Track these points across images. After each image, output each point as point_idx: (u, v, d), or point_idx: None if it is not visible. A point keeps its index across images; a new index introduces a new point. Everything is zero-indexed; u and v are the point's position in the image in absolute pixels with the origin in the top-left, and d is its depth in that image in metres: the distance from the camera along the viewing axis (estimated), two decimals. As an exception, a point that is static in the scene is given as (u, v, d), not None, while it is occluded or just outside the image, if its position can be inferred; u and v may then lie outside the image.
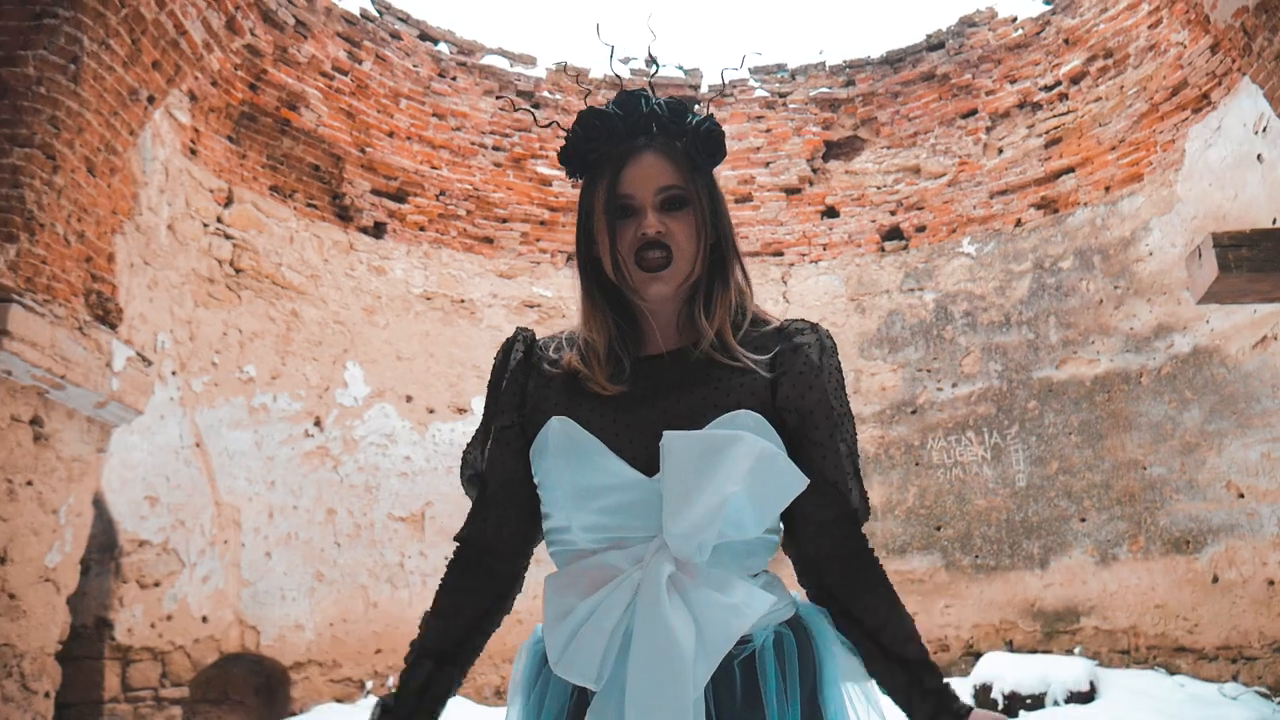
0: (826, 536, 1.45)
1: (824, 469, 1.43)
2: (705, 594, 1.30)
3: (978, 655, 7.64)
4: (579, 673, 1.30)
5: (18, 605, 4.59)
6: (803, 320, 1.53)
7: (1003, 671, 6.84)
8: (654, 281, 1.45)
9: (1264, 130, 6.62)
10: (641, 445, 1.38)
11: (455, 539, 1.56)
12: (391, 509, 8.16)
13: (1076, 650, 7.46)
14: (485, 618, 1.53)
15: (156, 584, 6.61)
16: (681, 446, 1.31)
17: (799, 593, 1.51)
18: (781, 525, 1.47)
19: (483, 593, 1.53)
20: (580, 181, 1.57)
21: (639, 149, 1.49)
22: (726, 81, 10.05)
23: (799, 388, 1.44)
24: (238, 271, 7.56)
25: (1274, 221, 6.47)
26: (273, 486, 7.51)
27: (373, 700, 7.44)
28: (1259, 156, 6.73)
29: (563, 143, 1.56)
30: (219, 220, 7.47)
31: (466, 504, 6.58)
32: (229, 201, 7.58)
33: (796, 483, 1.35)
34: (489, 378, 1.58)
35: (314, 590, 7.61)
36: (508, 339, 1.59)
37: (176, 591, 6.74)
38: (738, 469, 1.29)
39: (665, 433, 1.33)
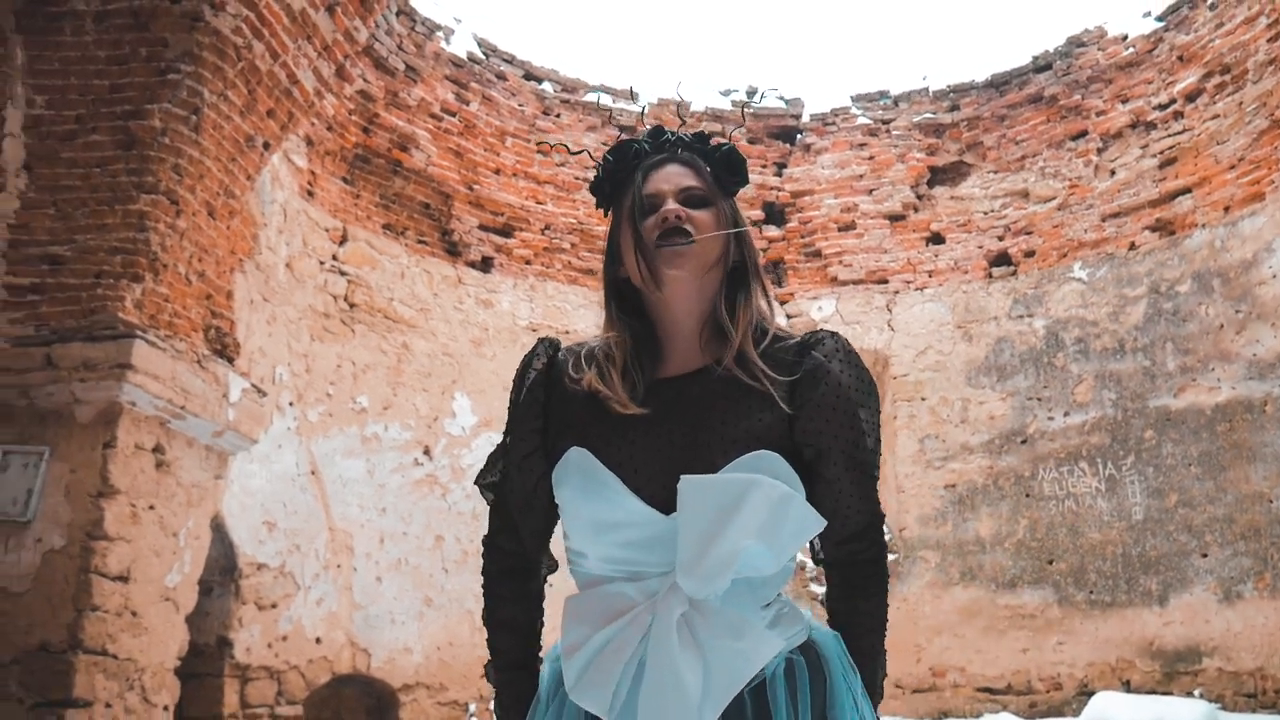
0: (845, 546, 1.51)
1: (840, 496, 1.47)
2: (715, 638, 1.33)
3: (1091, 695, 7.36)
4: (593, 702, 1.36)
5: (139, 622, 4.90)
6: (822, 332, 1.54)
7: (1115, 713, 6.58)
8: (674, 259, 1.47)
9: (1393, 145, 6.29)
10: (659, 482, 1.39)
11: (483, 541, 1.63)
12: (497, 536, 8.34)
13: (1197, 693, 7.12)
14: (538, 613, 1.63)
15: (273, 605, 6.92)
16: (698, 492, 1.33)
17: (809, 611, 1.54)
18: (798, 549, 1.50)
19: (530, 597, 1.61)
20: (609, 215, 1.64)
21: (664, 161, 1.57)
22: (828, 110, 10.06)
23: (817, 422, 1.45)
24: (351, 306, 7.91)
25: (1407, 241, 6.13)
26: (384, 513, 7.78)
27: (476, 723, 7.62)
28: (1389, 173, 6.39)
29: (596, 170, 1.65)
30: (334, 258, 7.84)
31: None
32: (344, 240, 7.94)
33: (814, 525, 1.37)
34: (513, 388, 1.62)
35: (422, 614, 7.84)
36: (530, 350, 1.63)
37: (292, 613, 7.04)
38: (754, 519, 1.32)
39: (683, 477, 1.35)
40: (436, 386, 8.38)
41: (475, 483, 1.67)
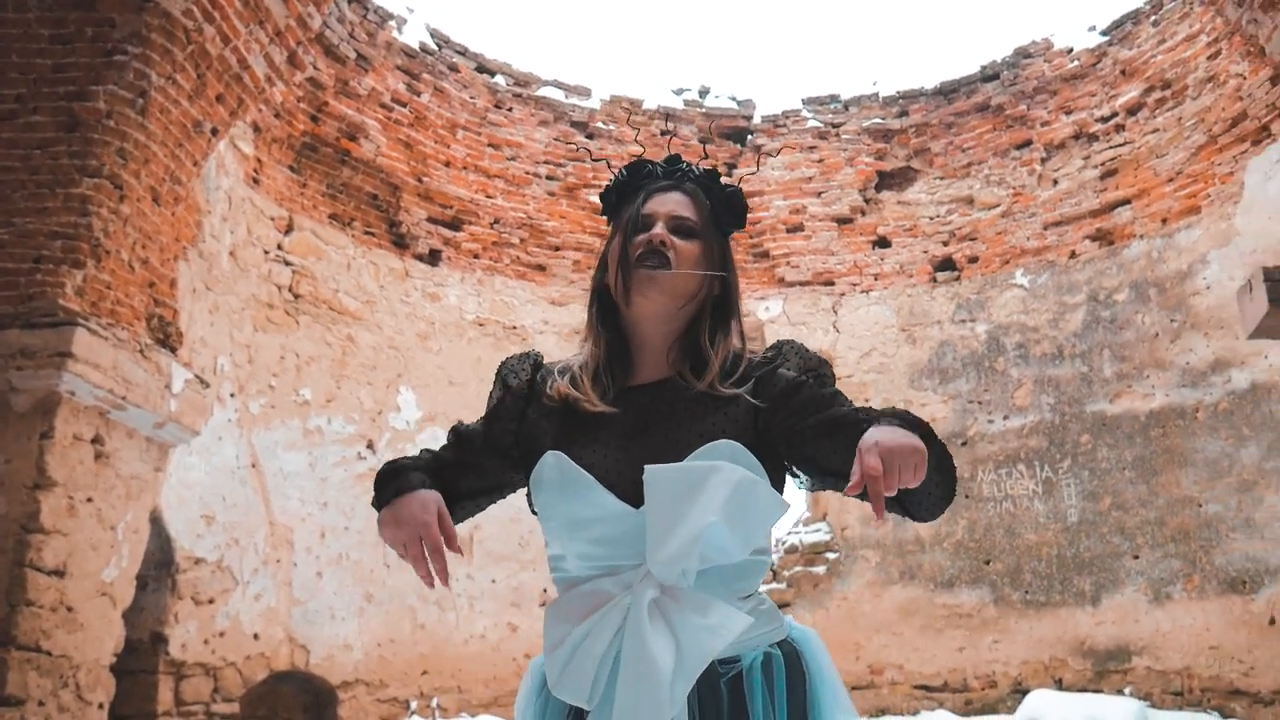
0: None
1: (832, 414, 1.45)
2: (686, 616, 1.36)
3: (1026, 693, 7.51)
4: (573, 694, 1.38)
5: (75, 618, 4.76)
6: (777, 342, 1.63)
7: (1049, 710, 6.73)
8: (646, 282, 1.54)
9: (1324, 163, 6.51)
10: (630, 480, 1.44)
11: (451, 431, 1.67)
12: (441, 532, 8.26)
13: (1127, 690, 7.31)
14: (445, 474, 1.62)
15: (210, 601, 6.79)
16: (661, 479, 1.37)
17: (792, 617, 1.56)
18: (772, 548, 1.52)
19: (479, 472, 1.64)
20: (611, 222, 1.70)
21: (668, 188, 1.64)
22: (779, 112, 10.13)
23: (772, 387, 1.51)
24: (296, 297, 7.78)
25: (1334, 256, 6.34)
26: (325, 507, 7.67)
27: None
28: (1319, 190, 6.61)
29: (609, 180, 1.72)
30: (279, 247, 7.70)
31: (513, 527, 6.69)
32: (289, 229, 7.81)
33: (777, 509, 1.40)
34: (494, 382, 1.68)
35: (363, 610, 7.75)
36: (517, 355, 1.70)
37: (230, 609, 6.91)
38: (715, 499, 1.34)
39: (647, 466, 1.39)
40: (381, 380, 8.29)
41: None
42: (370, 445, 8.08)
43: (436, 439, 8.42)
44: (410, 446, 8.26)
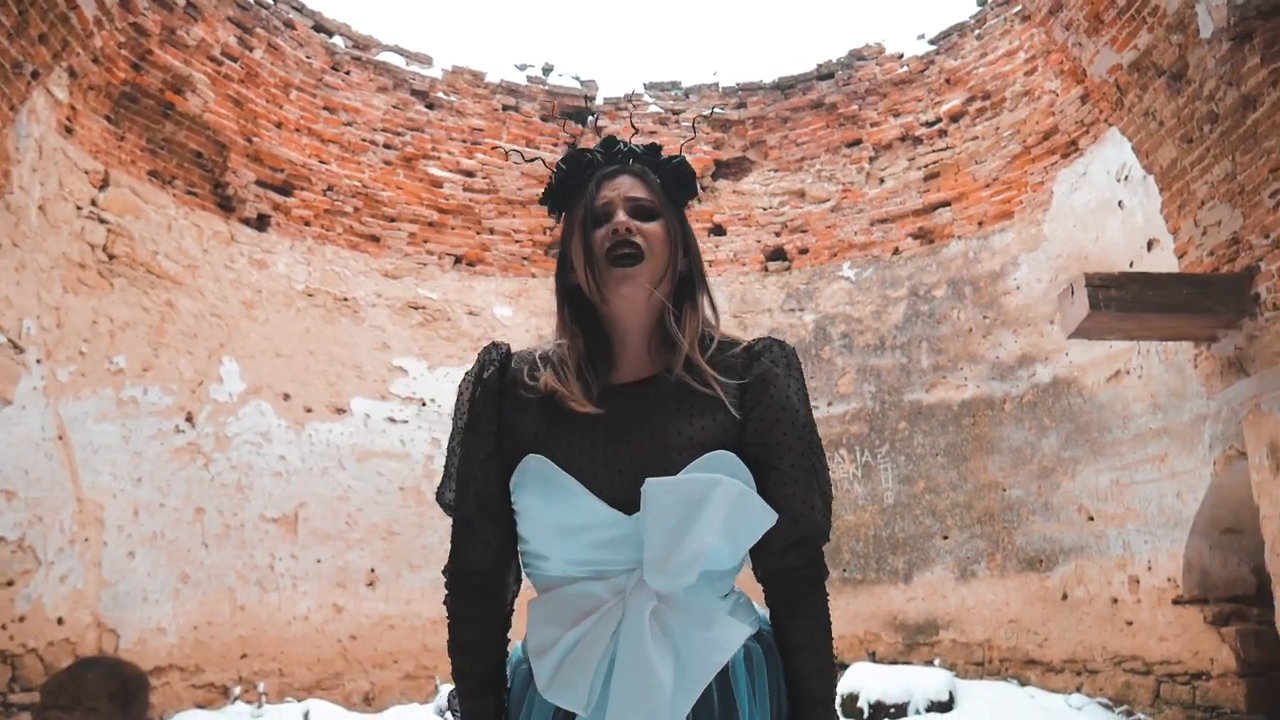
0: (784, 558, 1.50)
1: (786, 497, 1.47)
2: (687, 628, 1.37)
3: (844, 666, 7.91)
4: (568, 699, 1.36)
5: None
6: (768, 340, 1.58)
7: (868, 682, 7.11)
8: (625, 279, 1.50)
9: (1126, 179, 7.10)
10: (620, 485, 1.42)
11: (445, 572, 1.57)
12: (264, 509, 7.93)
13: (936, 661, 7.81)
14: (503, 638, 1.57)
15: (10, 583, 6.27)
16: (663, 493, 1.35)
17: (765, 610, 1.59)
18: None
19: (493, 617, 1.56)
20: (560, 221, 1.65)
21: (616, 172, 1.59)
22: (620, 95, 10.18)
23: (766, 422, 1.49)
24: (111, 258, 7.25)
25: (1130, 264, 6.93)
26: (139, 483, 7.21)
27: (241, 706, 7.23)
28: (1120, 203, 7.20)
29: (549, 178, 1.65)
30: (93, 204, 7.15)
31: (340, 505, 6.52)
32: (105, 184, 7.26)
33: (767, 519, 1.41)
34: (462, 394, 1.59)
35: (178, 592, 7.33)
36: (481, 357, 1.60)
37: (31, 591, 6.40)
38: (716, 518, 1.35)
39: (648, 480, 1.37)
40: (203, 349, 7.84)
41: (436, 498, 1.62)
42: (189, 418, 7.64)
43: (261, 412, 8.07)
44: (232, 420, 7.87)
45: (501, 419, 1.54)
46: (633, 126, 1.98)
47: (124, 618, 6.98)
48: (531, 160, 2.06)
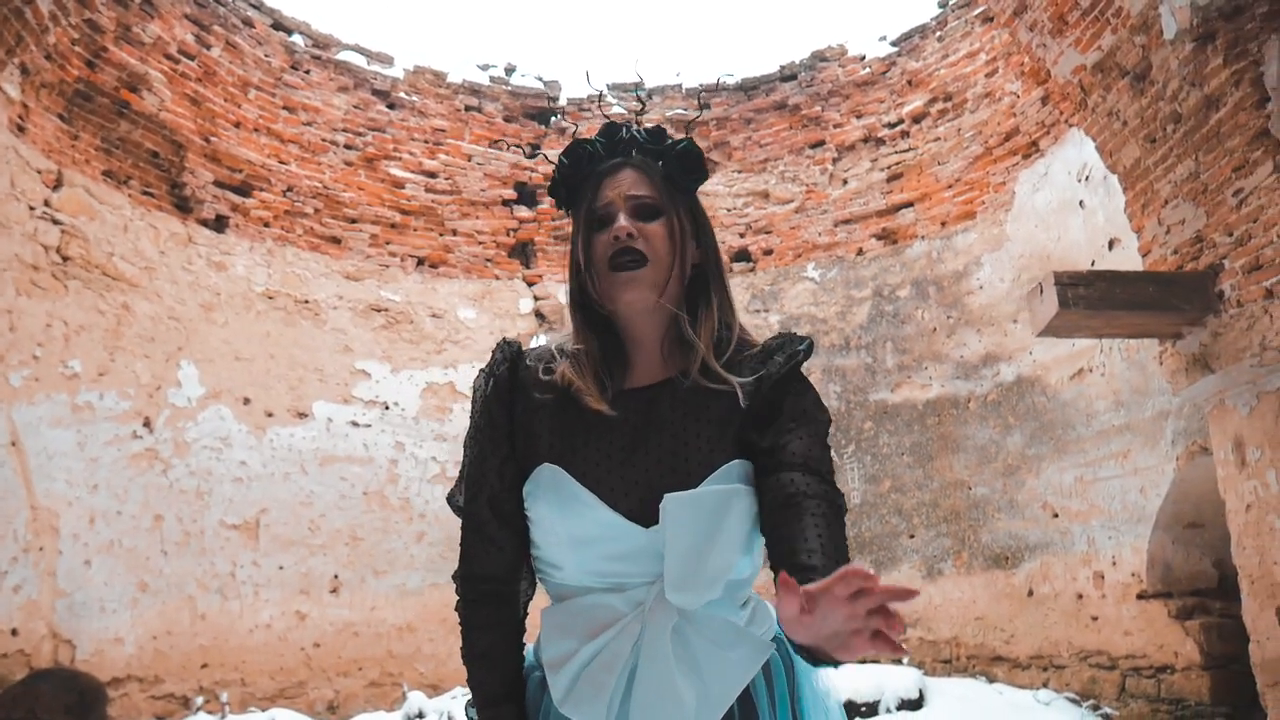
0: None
1: (789, 445, 1.37)
2: (709, 648, 1.34)
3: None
4: (586, 714, 1.33)
5: None
6: (782, 335, 1.53)
7: (839, 680, 7.11)
8: (627, 285, 1.45)
9: (1086, 179, 7.18)
10: (636, 495, 1.38)
11: (454, 577, 1.51)
12: (224, 516, 7.78)
13: (904, 660, 7.84)
14: (519, 644, 1.52)
15: (-38, 594, 6.09)
16: (681, 510, 1.31)
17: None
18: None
19: (509, 623, 1.50)
20: (570, 214, 1.59)
21: (618, 167, 1.53)
22: (584, 95, 10.14)
23: (776, 407, 1.44)
24: (65, 260, 7.07)
25: (1092, 263, 7.02)
26: (96, 490, 7.04)
27: (203, 717, 7.09)
28: (1081, 203, 7.29)
29: (543, 173, 1.59)
30: (46, 204, 6.97)
31: (303, 511, 6.42)
32: (58, 184, 7.08)
33: None
34: (475, 395, 1.54)
35: (137, 601, 7.17)
36: (493, 355, 1.54)
37: (-16, 602, 6.22)
38: (738, 532, 1.32)
39: (667, 496, 1.32)
40: (160, 353, 7.67)
41: (448, 501, 1.57)
42: (147, 423, 7.47)
43: (221, 417, 7.91)
44: (191, 425, 7.71)
45: (514, 422, 1.49)
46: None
47: (80, 628, 6.81)
48: (532, 156, 1.98)
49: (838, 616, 0.99)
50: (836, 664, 1.13)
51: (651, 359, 1.51)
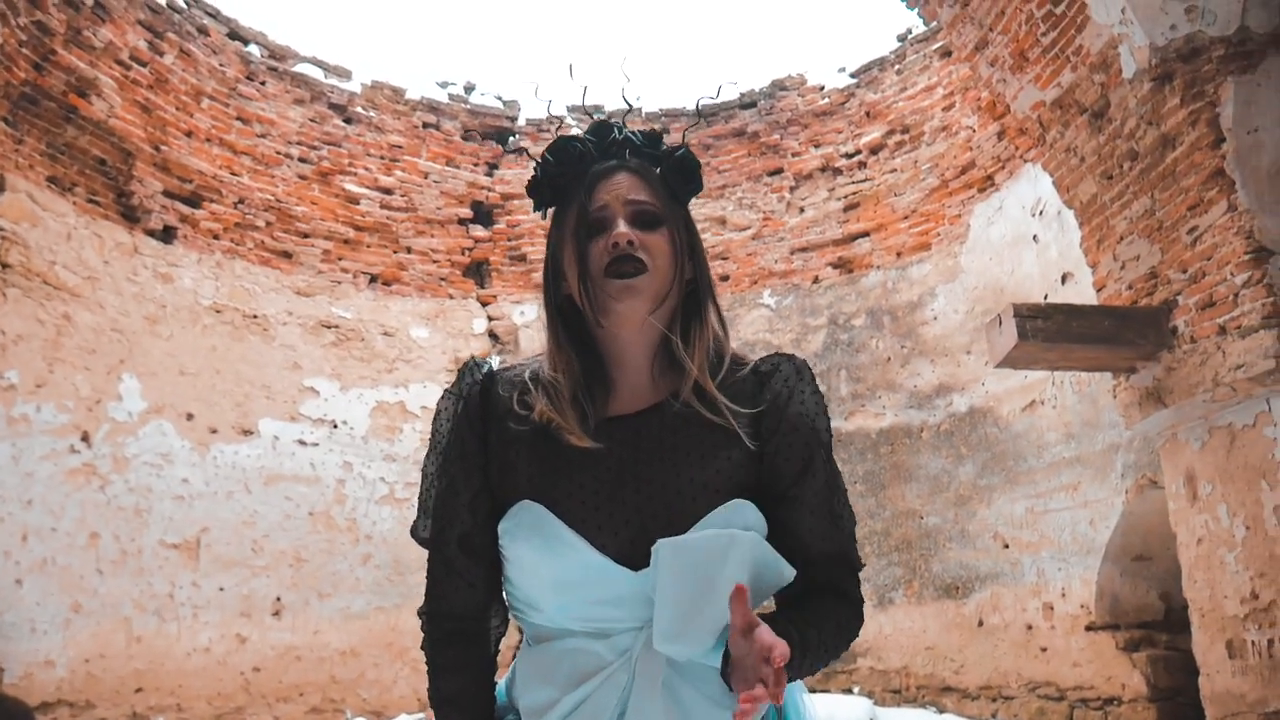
0: (806, 575, 1.33)
1: (806, 532, 1.35)
2: (703, 703, 1.25)
3: (763, 695, 7.86)
4: None
5: None
6: (777, 357, 1.44)
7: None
8: (624, 293, 1.32)
9: (1040, 213, 7.29)
10: (625, 536, 1.28)
11: (420, 613, 1.42)
12: (164, 535, 7.55)
13: (854, 690, 7.82)
14: (490, 685, 1.42)
15: (-117, 613, 5.82)
16: (673, 557, 1.22)
17: None
18: None
19: (478, 664, 1.41)
20: (548, 215, 1.47)
21: (612, 169, 1.40)
22: (543, 116, 10.10)
23: (784, 451, 1.36)
24: (4, 267, 6.85)
25: (1045, 297, 7.11)
26: (29, 506, 6.80)
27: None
28: (1034, 237, 7.39)
29: (534, 170, 1.48)
30: (-13, 209, 6.75)
31: (245, 531, 6.24)
32: (0, 189, 6.86)
33: (787, 574, 1.28)
34: (440, 419, 1.43)
35: (70, 622, 6.92)
36: (460, 378, 1.43)
37: (-94, 622, 5.95)
38: (736, 580, 1.21)
39: (658, 541, 1.23)
40: (102, 365, 7.45)
41: (412, 534, 1.46)
42: (85, 438, 7.24)
43: (163, 432, 7.70)
44: (132, 440, 7.49)
45: (488, 452, 1.38)
46: (627, 104, 1.72)
47: (9, 650, 6.55)
48: (514, 152, 1.85)
49: (753, 658, 1.09)
50: (732, 689, 1.16)
51: (637, 382, 1.39)
